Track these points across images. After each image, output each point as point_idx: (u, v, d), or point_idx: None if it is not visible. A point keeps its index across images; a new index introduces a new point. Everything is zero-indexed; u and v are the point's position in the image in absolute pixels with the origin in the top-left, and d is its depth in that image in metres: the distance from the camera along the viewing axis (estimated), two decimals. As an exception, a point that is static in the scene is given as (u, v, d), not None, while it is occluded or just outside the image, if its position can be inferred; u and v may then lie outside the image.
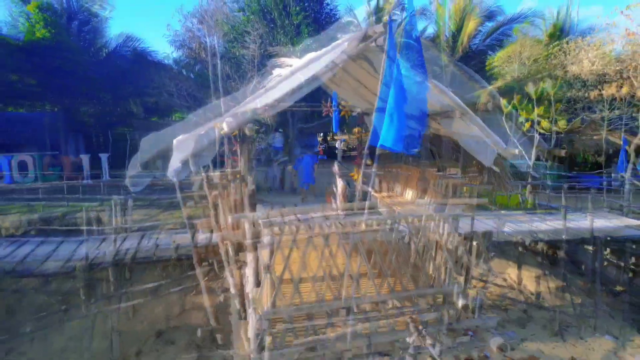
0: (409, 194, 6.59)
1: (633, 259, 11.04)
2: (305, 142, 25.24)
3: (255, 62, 14.65)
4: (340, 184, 9.46)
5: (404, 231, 4.88)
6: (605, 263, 12.00)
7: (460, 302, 4.80)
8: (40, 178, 13.94)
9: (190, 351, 8.98)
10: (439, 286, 4.98)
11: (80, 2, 21.02)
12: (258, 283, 4.93)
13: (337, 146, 29.86)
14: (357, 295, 4.67)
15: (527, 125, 13.84)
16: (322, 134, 35.85)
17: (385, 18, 4.64)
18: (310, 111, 14.85)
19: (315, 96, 9.82)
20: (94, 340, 9.00)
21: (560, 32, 23.38)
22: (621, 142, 16.78)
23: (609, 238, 11.05)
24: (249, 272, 4.93)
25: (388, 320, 6.24)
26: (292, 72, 5.90)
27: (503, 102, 14.12)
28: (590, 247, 10.71)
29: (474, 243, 8.25)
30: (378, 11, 28.97)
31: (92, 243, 8.69)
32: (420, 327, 6.30)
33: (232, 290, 5.39)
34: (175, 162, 4.83)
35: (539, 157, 17.72)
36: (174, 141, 5.61)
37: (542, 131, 14.01)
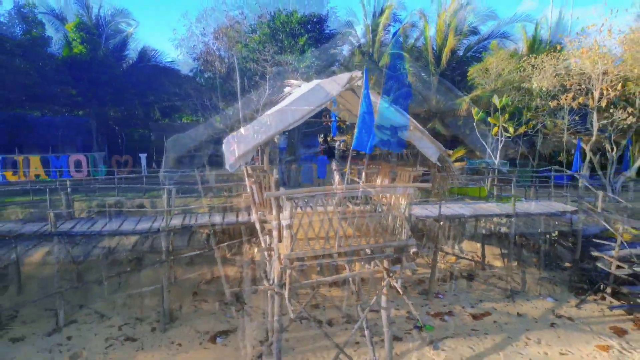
0: (384, 183, 9.06)
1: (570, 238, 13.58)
2: (308, 143, 27.81)
3: (267, 77, 17.27)
4: (336, 177, 12.00)
5: (376, 203, 7.39)
6: (554, 242, 14.56)
7: (412, 250, 7.30)
8: (92, 173, 16.53)
9: (219, 306, 11.54)
10: (399, 240, 7.49)
11: (108, 20, 23.67)
12: (280, 239, 7.46)
13: (336, 146, 32.56)
14: (346, 245, 7.17)
15: (495, 130, 16.36)
16: (322, 135, 38.57)
17: (356, 74, 7.14)
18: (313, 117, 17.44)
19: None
20: (147, 297, 11.58)
21: (539, 44, 25.99)
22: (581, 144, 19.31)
23: (557, 223, 13.65)
24: (274, 232, 7.42)
25: (370, 268, 8.72)
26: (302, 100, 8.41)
27: (474, 110, 16.61)
28: (538, 229, 13.25)
29: (441, 224, 10.93)
30: (374, 28, 31.59)
31: (147, 221, 11.24)
32: (390, 273, 8.86)
33: (263, 245, 7.90)
34: (228, 160, 7.27)
35: (511, 157, 20.25)
36: (224, 145, 8.13)
37: (507, 135, 16.49)
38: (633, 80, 16.65)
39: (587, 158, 17.56)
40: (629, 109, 17.20)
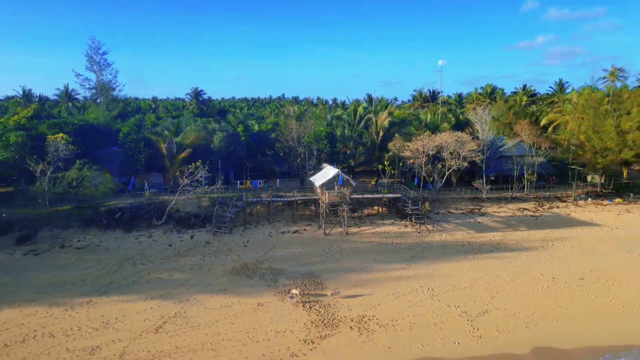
0: (345, 189, 40.12)
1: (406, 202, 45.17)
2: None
3: (315, 153, 48.80)
4: (336, 187, 43.60)
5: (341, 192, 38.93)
6: (400, 204, 46.15)
7: (349, 200, 38.74)
8: (264, 186, 48.14)
9: (305, 219, 43.26)
10: (346, 199, 38.86)
11: (243, 119, 55.65)
12: (324, 199, 39.10)
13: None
14: (336, 199, 38.72)
15: (387, 171, 47.59)
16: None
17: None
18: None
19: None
20: (288, 217, 43.48)
21: (430, 129, 57.42)
22: (420, 171, 50.73)
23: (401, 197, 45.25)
24: (322, 198, 38.92)
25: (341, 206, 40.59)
26: (325, 174, 40.29)
27: (380, 165, 48.02)
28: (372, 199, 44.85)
29: (362, 200, 44.43)
30: (354, 112, 63.62)
31: (285, 198, 43.06)
32: (345, 206, 40.82)
33: (320, 201, 39.45)
34: (318, 183, 38.79)
35: (402, 180, 51.78)
36: (312, 180, 40.05)
37: (391, 172, 47.75)
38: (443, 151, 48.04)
39: (422, 178, 48.83)
40: (440, 163, 48.62)
